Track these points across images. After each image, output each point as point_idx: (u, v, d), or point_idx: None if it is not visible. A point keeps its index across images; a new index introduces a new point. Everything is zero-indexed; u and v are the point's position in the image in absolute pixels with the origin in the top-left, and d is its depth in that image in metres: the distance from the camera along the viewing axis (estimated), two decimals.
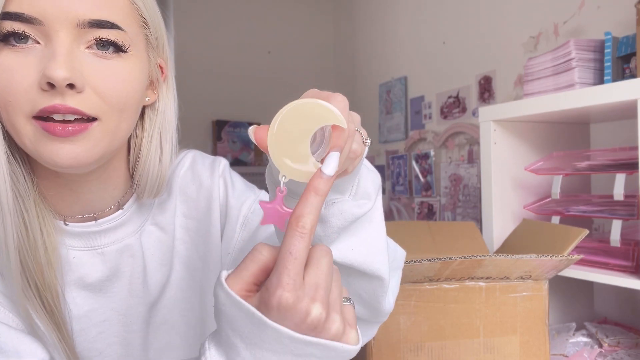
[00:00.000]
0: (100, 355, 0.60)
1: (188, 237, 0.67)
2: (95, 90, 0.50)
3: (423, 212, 2.34)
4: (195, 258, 0.67)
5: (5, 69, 0.48)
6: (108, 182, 0.60)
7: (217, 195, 0.68)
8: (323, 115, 0.39)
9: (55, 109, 0.48)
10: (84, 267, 0.60)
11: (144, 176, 0.61)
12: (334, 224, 0.47)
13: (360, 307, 0.56)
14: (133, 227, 0.63)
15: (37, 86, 0.48)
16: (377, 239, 0.52)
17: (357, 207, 0.48)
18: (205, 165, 0.70)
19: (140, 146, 0.61)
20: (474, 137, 2.02)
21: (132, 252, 0.63)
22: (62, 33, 0.49)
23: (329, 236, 0.48)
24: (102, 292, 0.61)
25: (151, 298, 0.64)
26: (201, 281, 0.67)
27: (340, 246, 0.49)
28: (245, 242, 0.68)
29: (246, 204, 0.68)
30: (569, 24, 1.57)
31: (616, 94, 0.97)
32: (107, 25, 0.50)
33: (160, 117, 0.61)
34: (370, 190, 0.50)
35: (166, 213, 0.67)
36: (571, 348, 1.15)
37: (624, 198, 1.04)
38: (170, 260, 0.66)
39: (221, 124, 2.85)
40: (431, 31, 2.28)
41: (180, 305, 0.66)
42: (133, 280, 0.62)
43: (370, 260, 0.51)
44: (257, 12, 2.99)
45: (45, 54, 0.49)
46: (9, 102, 0.49)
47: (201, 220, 0.68)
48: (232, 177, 0.71)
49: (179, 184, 0.68)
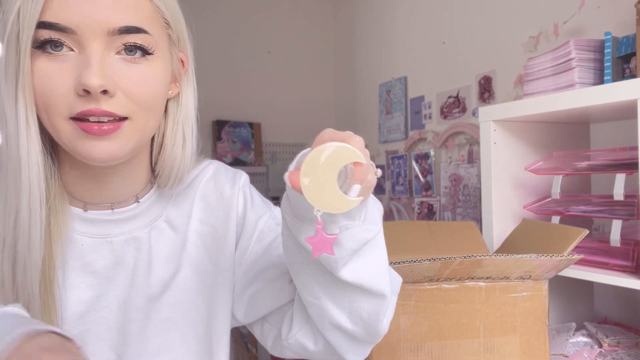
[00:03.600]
0: (98, 339, 0.62)
1: (201, 242, 0.70)
2: (125, 93, 0.55)
3: (423, 212, 2.34)
4: (206, 262, 0.70)
5: (44, 75, 0.53)
6: (131, 174, 0.65)
7: (236, 207, 0.72)
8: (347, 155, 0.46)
9: (91, 112, 0.53)
10: (91, 254, 0.63)
11: (168, 165, 0.65)
12: (347, 247, 0.53)
13: (360, 328, 0.61)
14: (145, 220, 0.67)
15: (74, 91, 0.53)
16: (382, 261, 0.58)
17: (366, 231, 0.53)
18: (228, 177, 0.74)
19: (163, 137, 0.66)
20: (474, 137, 2.02)
21: (139, 245, 0.66)
22: (94, 41, 0.53)
23: (343, 258, 0.53)
24: (107, 279, 0.64)
25: (151, 291, 0.65)
26: (210, 285, 0.70)
27: (352, 267, 0.55)
28: (258, 256, 0.71)
29: (262, 219, 0.72)
30: (569, 24, 1.58)
31: (616, 94, 0.97)
32: (135, 30, 0.55)
33: (183, 109, 0.66)
34: (376, 217, 0.55)
35: (181, 214, 0.70)
36: (571, 348, 1.15)
37: (624, 198, 1.04)
38: (177, 260, 0.68)
39: (221, 124, 2.85)
40: (431, 31, 2.28)
41: (184, 306, 0.67)
42: (137, 272, 0.65)
43: (376, 280, 0.57)
44: (257, 12, 2.99)
45: (80, 61, 0.53)
46: (49, 105, 0.54)
47: (217, 228, 0.71)
48: (252, 192, 0.75)
49: (201, 191, 0.72)
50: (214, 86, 2.84)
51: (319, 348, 0.66)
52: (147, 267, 0.65)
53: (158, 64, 0.58)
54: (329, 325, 0.61)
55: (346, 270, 0.54)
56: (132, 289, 0.64)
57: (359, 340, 0.63)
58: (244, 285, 0.71)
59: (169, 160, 0.65)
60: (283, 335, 0.68)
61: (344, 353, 0.64)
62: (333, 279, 0.57)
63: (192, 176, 0.73)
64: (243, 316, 0.72)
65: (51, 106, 0.54)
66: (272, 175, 3.02)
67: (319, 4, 3.18)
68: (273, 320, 0.71)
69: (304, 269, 0.59)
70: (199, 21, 0.68)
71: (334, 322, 0.60)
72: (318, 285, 0.59)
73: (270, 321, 0.71)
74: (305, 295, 0.61)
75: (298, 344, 0.67)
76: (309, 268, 0.58)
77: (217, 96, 2.84)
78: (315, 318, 0.63)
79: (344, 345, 0.63)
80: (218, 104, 2.84)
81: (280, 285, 0.69)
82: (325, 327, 0.62)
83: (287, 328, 0.68)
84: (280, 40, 3.05)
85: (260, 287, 0.70)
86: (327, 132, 0.49)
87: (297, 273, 0.61)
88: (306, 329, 0.66)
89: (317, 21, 3.18)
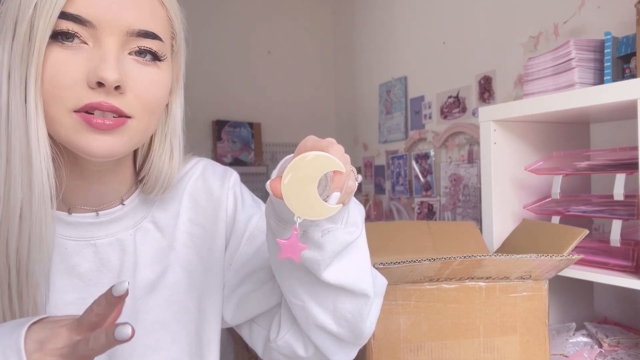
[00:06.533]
0: None
1: (191, 242, 0.70)
2: (134, 93, 0.56)
3: (423, 212, 2.34)
4: (196, 263, 0.69)
5: (55, 64, 0.53)
6: (117, 176, 0.65)
7: (225, 207, 0.72)
8: (326, 164, 0.48)
9: (99, 106, 0.53)
10: (75, 257, 0.63)
11: (155, 173, 0.65)
12: (330, 249, 0.54)
13: (345, 329, 0.62)
14: (130, 222, 0.66)
15: (84, 83, 0.53)
16: (364, 261, 0.59)
17: (348, 234, 0.55)
18: (217, 176, 0.74)
19: (150, 144, 0.65)
20: (474, 137, 2.02)
21: (124, 247, 0.65)
22: (112, 38, 0.54)
23: (325, 260, 0.54)
24: (92, 282, 0.63)
25: (137, 293, 0.65)
26: (201, 285, 0.69)
27: (335, 269, 0.56)
28: (249, 257, 0.71)
29: (253, 220, 0.72)
30: (569, 24, 1.58)
31: (616, 94, 0.97)
32: (152, 36, 0.57)
33: (172, 119, 0.66)
34: (358, 220, 0.57)
35: (167, 215, 0.69)
36: (571, 348, 1.15)
37: (624, 198, 1.04)
38: (164, 260, 0.67)
39: (221, 124, 2.85)
40: (431, 31, 2.28)
41: (174, 307, 0.67)
42: (122, 274, 0.64)
43: (359, 280, 0.58)
44: (257, 12, 2.99)
45: (94, 55, 0.54)
46: (54, 95, 0.53)
47: (207, 228, 0.71)
48: (242, 191, 0.75)
49: (189, 190, 0.71)
50: (214, 86, 2.84)
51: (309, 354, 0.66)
52: (132, 268, 0.65)
53: (165, 70, 0.59)
54: (314, 327, 0.62)
55: (329, 272, 0.55)
56: None
57: (344, 342, 0.64)
58: (234, 286, 0.71)
59: (155, 170, 0.65)
60: (272, 337, 0.68)
61: (331, 355, 0.65)
62: (316, 281, 0.58)
63: (179, 175, 0.72)
64: (231, 317, 0.71)
65: (56, 96, 0.53)
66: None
67: (319, 4, 3.18)
68: (262, 322, 0.71)
69: (288, 272, 0.60)
70: (199, 21, 0.68)
71: (319, 324, 0.61)
72: (302, 288, 0.60)
73: (259, 323, 0.71)
74: (290, 298, 0.62)
75: (288, 347, 0.67)
76: (293, 271, 0.59)
77: (217, 96, 2.84)
78: (300, 320, 0.63)
79: (331, 348, 0.64)
80: (218, 104, 2.84)
81: (270, 286, 0.69)
82: (310, 329, 0.63)
83: (275, 330, 0.68)
84: (280, 40, 3.05)
85: (251, 288, 0.70)
86: (309, 140, 0.50)
87: (282, 275, 0.61)
88: (294, 329, 0.66)
89: (317, 21, 3.18)
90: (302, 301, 0.60)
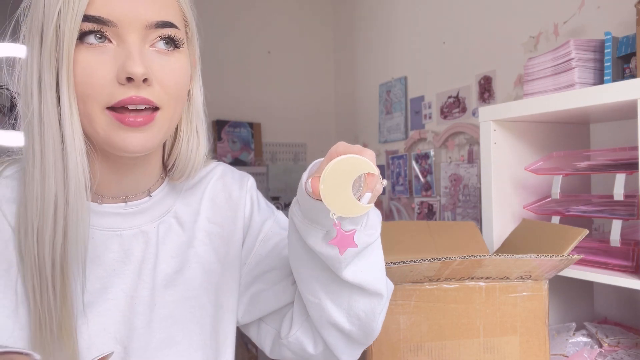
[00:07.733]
0: (105, 331, 0.63)
1: (209, 240, 0.72)
2: (159, 83, 0.59)
3: (423, 212, 2.34)
4: (213, 261, 0.72)
5: (85, 65, 0.56)
6: (147, 168, 0.67)
7: (243, 208, 0.75)
8: (362, 166, 0.52)
9: (132, 100, 0.56)
10: (101, 246, 0.65)
11: (183, 158, 0.68)
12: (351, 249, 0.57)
13: (357, 328, 0.65)
14: (154, 215, 0.69)
15: (114, 80, 0.56)
16: (380, 262, 0.63)
17: (368, 236, 0.58)
18: (235, 179, 0.77)
19: (177, 131, 0.68)
20: (474, 137, 2.02)
21: (147, 239, 0.67)
22: (133, 34, 0.57)
23: (346, 259, 0.58)
24: (114, 272, 0.65)
25: (156, 284, 0.67)
26: (217, 283, 0.71)
27: (354, 268, 0.59)
28: (262, 257, 0.74)
29: (267, 222, 0.76)
30: (569, 24, 1.58)
31: (616, 94, 0.97)
32: (168, 24, 0.60)
33: (194, 104, 0.69)
34: (376, 223, 0.60)
35: (189, 210, 0.72)
36: (571, 348, 1.15)
37: (624, 198, 1.04)
38: (182, 255, 0.69)
39: (221, 124, 2.85)
40: (431, 31, 2.28)
41: (189, 303, 0.68)
42: (144, 265, 0.66)
43: (375, 280, 0.62)
44: (257, 12, 2.99)
45: (119, 52, 0.56)
46: (87, 95, 0.56)
47: (225, 227, 0.74)
48: (258, 196, 0.79)
49: (210, 190, 0.75)
50: (214, 86, 2.82)
51: (318, 351, 0.69)
52: (153, 261, 0.67)
53: (184, 57, 0.62)
54: (327, 324, 0.65)
55: (348, 271, 0.59)
56: (138, 283, 0.66)
57: (354, 341, 0.67)
58: (246, 285, 0.73)
59: (184, 153, 0.68)
60: (283, 334, 0.71)
61: (340, 354, 0.68)
62: (334, 279, 0.61)
63: (200, 175, 0.75)
64: (242, 315, 0.74)
65: (90, 96, 0.56)
66: (272, 175, 3.02)
67: (319, 4, 3.18)
68: (271, 321, 0.73)
69: (307, 270, 0.62)
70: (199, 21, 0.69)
71: (332, 321, 0.64)
72: (319, 285, 0.62)
73: (267, 322, 0.74)
74: (306, 295, 0.64)
75: (298, 344, 0.69)
76: (312, 269, 0.62)
77: (217, 96, 2.84)
78: (314, 317, 0.66)
79: (340, 346, 0.67)
80: (218, 104, 2.84)
81: (282, 287, 0.71)
82: (323, 326, 0.65)
83: (287, 327, 0.71)
84: (280, 40, 3.05)
85: (262, 287, 0.72)
86: (341, 145, 0.53)
87: (300, 273, 0.64)
88: (306, 327, 0.69)
89: (317, 21, 3.17)
90: (318, 298, 0.63)
